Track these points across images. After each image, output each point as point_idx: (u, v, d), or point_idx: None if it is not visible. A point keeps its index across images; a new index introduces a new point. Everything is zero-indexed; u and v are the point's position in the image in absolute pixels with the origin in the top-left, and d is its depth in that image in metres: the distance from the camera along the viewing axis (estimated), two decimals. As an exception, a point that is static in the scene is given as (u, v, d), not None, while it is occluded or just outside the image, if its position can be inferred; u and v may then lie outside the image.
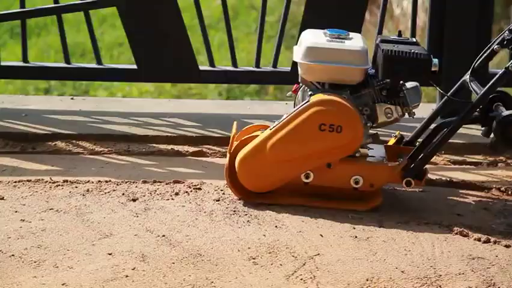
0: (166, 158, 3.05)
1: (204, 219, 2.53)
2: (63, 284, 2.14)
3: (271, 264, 2.29)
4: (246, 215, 2.57)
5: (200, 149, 3.13)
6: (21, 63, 3.43)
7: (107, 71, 3.48)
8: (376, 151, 2.71)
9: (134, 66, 3.42)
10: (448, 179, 2.94)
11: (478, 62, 2.70)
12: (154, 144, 3.15)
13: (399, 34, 2.69)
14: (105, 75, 3.51)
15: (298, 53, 2.63)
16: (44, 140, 3.14)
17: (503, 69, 2.56)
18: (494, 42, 2.68)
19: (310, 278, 2.22)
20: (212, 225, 2.50)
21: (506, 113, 2.56)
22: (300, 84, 2.70)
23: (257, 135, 2.62)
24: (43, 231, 2.40)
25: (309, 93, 2.62)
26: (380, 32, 3.44)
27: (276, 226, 2.51)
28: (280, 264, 2.29)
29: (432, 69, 2.57)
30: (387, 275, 2.25)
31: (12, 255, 2.27)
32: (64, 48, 3.44)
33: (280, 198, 2.64)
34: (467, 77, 2.71)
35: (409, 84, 2.64)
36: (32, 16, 3.23)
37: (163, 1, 3.30)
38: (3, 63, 3.37)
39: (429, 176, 2.96)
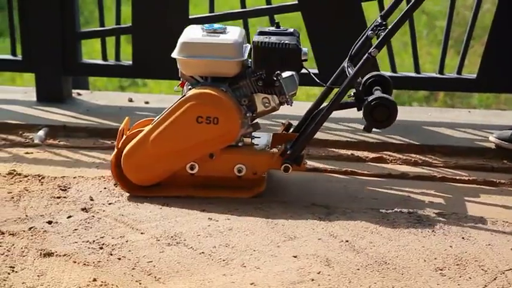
0: (345, 163, 3.02)
1: (386, 226, 2.51)
2: (251, 284, 2.18)
3: (460, 276, 2.23)
4: (431, 224, 2.52)
5: (380, 155, 3.10)
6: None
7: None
8: (262, 139, 2.74)
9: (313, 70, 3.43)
10: None
11: (354, 49, 2.74)
12: (333, 149, 3.15)
13: (278, 26, 2.67)
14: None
15: (175, 49, 2.66)
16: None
17: (366, 55, 2.58)
18: (369, 29, 2.74)
19: (502, 293, 2.15)
20: (395, 233, 2.47)
21: (371, 97, 2.58)
22: None
23: (142, 130, 2.66)
24: (230, 231, 2.46)
25: (189, 87, 2.66)
26: None
27: (463, 237, 2.44)
28: (469, 278, 2.22)
29: (302, 58, 2.59)
30: None
31: (202, 252, 2.34)
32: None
33: (166, 190, 2.68)
34: (345, 63, 2.72)
35: (285, 74, 2.67)
36: (220, 20, 3.30)
37: (352, 7, 3.29)
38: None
39: None
